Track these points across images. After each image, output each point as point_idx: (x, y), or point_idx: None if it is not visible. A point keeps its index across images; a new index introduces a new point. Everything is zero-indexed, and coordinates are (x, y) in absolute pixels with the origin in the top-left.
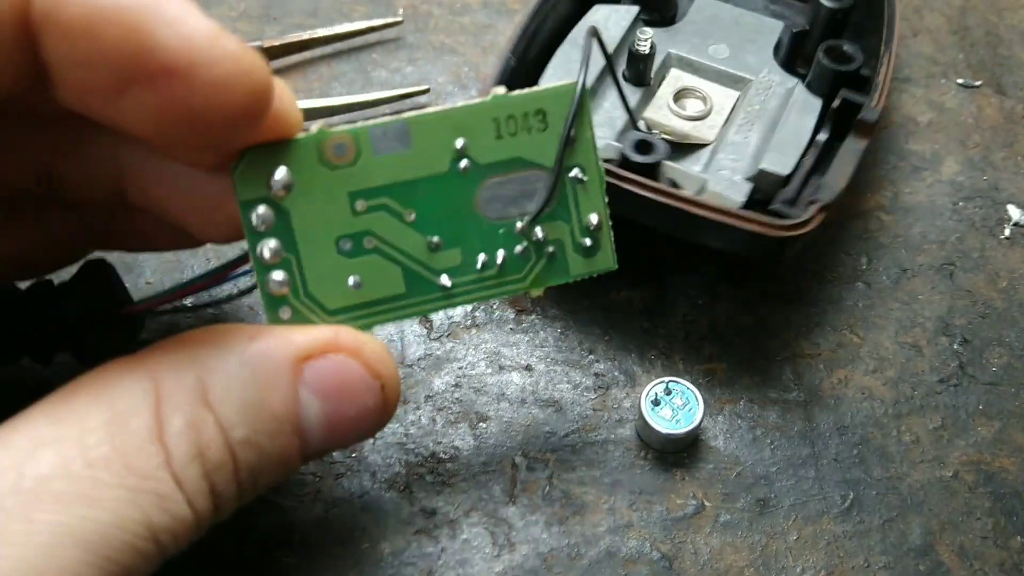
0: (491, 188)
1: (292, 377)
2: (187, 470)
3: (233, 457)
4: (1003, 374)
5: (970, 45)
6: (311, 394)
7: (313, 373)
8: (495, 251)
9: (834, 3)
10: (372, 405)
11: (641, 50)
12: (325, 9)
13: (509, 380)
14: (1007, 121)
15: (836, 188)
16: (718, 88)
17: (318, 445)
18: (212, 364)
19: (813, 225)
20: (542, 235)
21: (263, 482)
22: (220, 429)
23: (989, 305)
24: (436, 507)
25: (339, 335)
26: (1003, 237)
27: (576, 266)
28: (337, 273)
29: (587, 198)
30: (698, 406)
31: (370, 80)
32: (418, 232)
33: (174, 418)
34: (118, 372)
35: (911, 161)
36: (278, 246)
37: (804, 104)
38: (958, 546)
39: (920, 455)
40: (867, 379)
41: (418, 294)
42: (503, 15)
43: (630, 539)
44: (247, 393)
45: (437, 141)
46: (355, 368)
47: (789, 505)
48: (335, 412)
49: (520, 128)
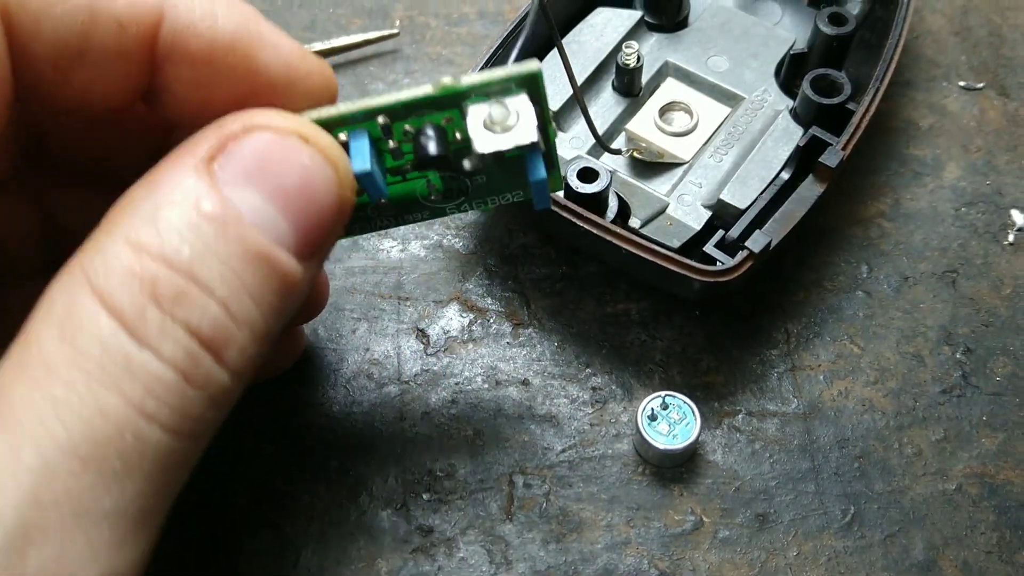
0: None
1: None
2: (144, 320)
3: (193, 278)
4: (1007, 384)
5: (972, 46)
6: (237, 188)
7: (223, 167)
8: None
9: (832, 29)
10: (308, 161)
11: (627, 63)
12: (322, 22)
13: (506, 395)
14: (1011, 124)
15: (774, 236)
16: (710, 103)
17: (294, 235)
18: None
19: (737, 274)
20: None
21: (261, 293)
22: (162, 261)
23: (993, 313)
24: (433, 525)
25: (223, 124)
26: (1007, 243)
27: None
28: None
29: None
30: (695, 420)
31: (367, 92)
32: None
33: (109, 280)
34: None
35: (912, 166)
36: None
37: (783, 132)
38: (962, 561)
39: (922, 468)
40: (868, 390)
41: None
42: (499, 25)
43: (628, 556)
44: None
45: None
46: (261, 138)
47: (789, 520)
48: (275, 189)
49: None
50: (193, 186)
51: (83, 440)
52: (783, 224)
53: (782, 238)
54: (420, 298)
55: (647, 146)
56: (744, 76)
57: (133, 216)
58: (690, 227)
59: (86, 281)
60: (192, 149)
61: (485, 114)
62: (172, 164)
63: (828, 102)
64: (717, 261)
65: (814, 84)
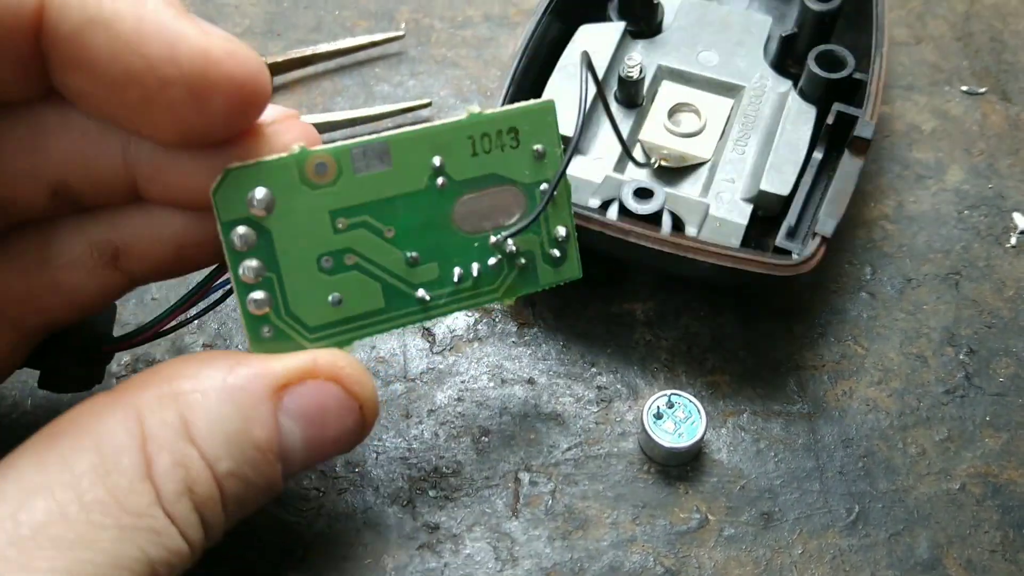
0: (467, 203)
1: (272, 407)
2: (178, 505)
3: (220, 489)
4: (1010, 384)
5: (974, 52)
6: (292, 421)
7: (293, 401)
8: (470, 264)
9: (820, 5)
10: (351, 425)
11: (630, 75)
12: (328, 24)
13: (512, 394)
14: (1012, 128)
15: (837, 216)
16: (711, 98)
17: (299, 467)
18: (193, 400)
19: (816, 260)
20: (514, 247)
21: (249, 507)
22: (206, 464)
23: (995, 315)
24: (439, 522)
25: (317, 360)
26: (1009, 246)
27: (546, 276)
28: (318, 290)
29: (556, 212)
30: (701, 419)
31: (372, 94)
32: (397, 248)
33: (161, 456)
34: (100, 412)
35: (915, 170)
36: (260, 265)
37: (798, 114)
38: (966, 560)
39: (926, 467)
40: (872, 390)
41: (397, 308)
42: (504, 28)
43: (633, 554)
44: (229, 427)
45: (416, 159)
46: (334, 392)
47: (794, 519)
48: (316, 436)
49: (494, 146)
50: (259, 406)
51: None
52: (839, 203)
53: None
54: None
55: (668, 152)
56: (737, 65)
57: (198, 397)
58: (738, 223)
59: (139, 441)
60: (277, 364)
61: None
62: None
63: (837, 76)
64: (792, 253)
65: (819, 61)
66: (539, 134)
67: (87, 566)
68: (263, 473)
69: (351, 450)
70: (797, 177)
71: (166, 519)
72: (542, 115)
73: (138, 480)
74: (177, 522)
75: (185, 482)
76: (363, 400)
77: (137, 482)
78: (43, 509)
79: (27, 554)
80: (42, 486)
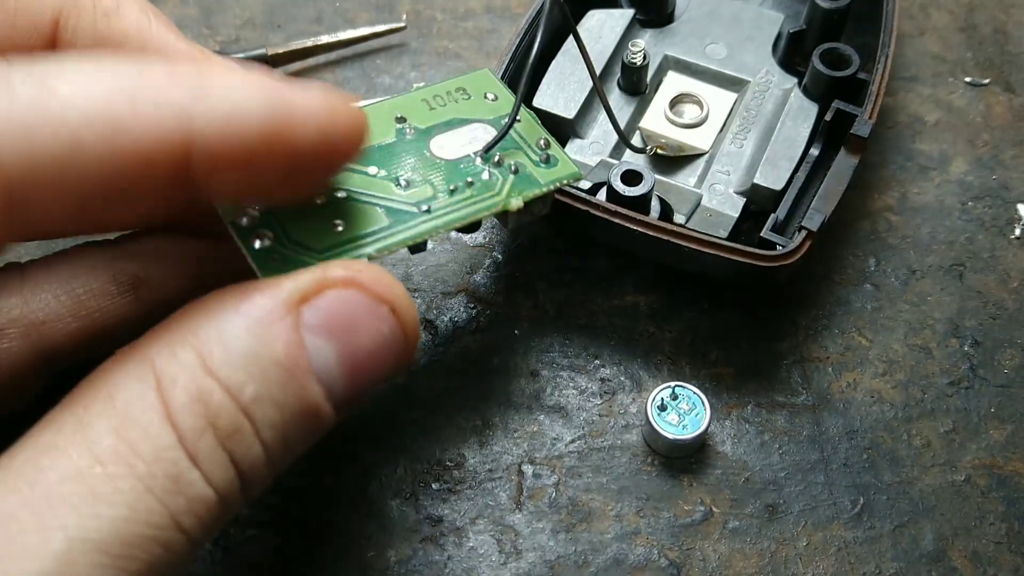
0: (441, 139)
1: (291, 322)
2: (200, 443)
3: (249, 418)
4: (1015, 376)
5: (978, 43)
6: (317, 336)
7: (313, 314)
8: (463, 179)
9: (830, 4)
10: (387, 332)
11: (634, 62)
12: (329, 16)
13: (515, 386)
14: (1016, 119)
15: (825, 212)
16: (715, 91)
17: (344, 390)
18: (206, 332)
19: (800, 254)
20: (500, 158)
21: (294, 439)
22: (227, 393)
23: (1000, 306)
24: (442, 515)
25: (329, 270)
26: (1013, 237)
27: (544, 175)
28: (319, 220)
29: (530, 130)
30: (705, 411)
31: (374, 86)
32: (385, 180)
33: (176, 393)
34: (113, 366)
35: (919, 161)
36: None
37: (799, 110)
38: (971, 552)
39: (931, 459)
40: (876, 382)
41: (401, 222)
42: (506, 19)
43: (638, 546)
44: (247, 349)
45: (379, 123)
46: (355, 297)
47: (798, 511)
48: (349, 348)
49: (448, 101)
50: (276, 323)
51: (115, 539)
52: (829, 199)
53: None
54: (428, 289)
55: (666, 141)
56: (744, 59)
57: (211, 330)
58: (729, 215)
59: (154, 385)
60: (289, 280)
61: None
62: (267, 288)
63: (841, 74)
64: (777, 245)
65: (823, 58)
66: (485, 87)
67: (102, 522)
68: (297, 395)
69: (403, 367)
70: (792, 173)
71: (188, 461)
72: (482, 78)
73: (154, 424)
74: (200, 463)
75: (206, 416)
76: (392, 300)
77: (154, 426)
78: (57, 468)
79: (40, 515)
80: (56, 447)
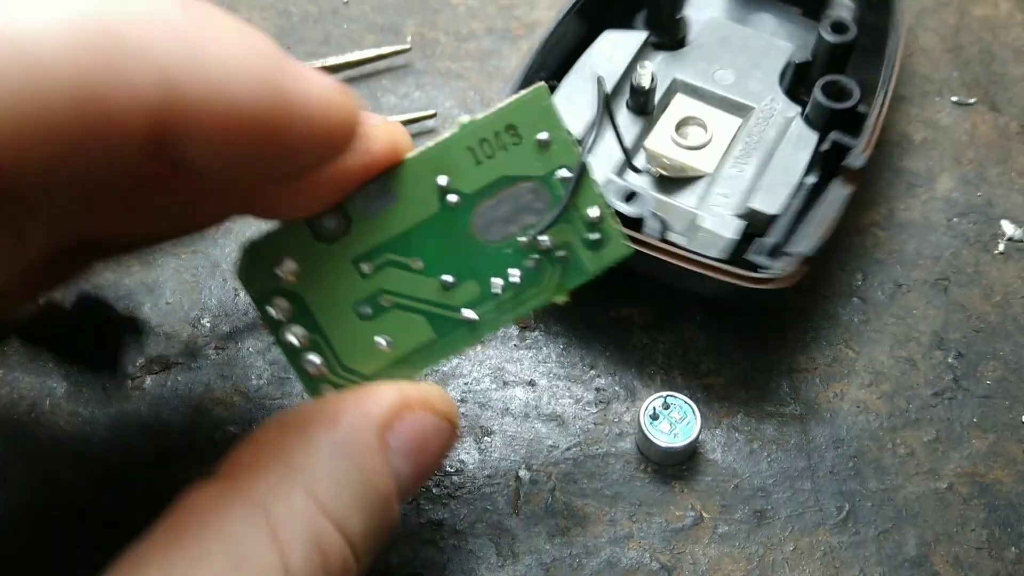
0: (485, 213)
1: (384, 451)
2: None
3: (353, 550)
4: (997, 387)
5: (964, 63)
6: (401, 459)
7: (398, 440)
8: (507, 272)
9: (835, 37)
10: (448, 444)
11: (642, 84)
12: (336, 37)
13: (513, 395)
14: (1001, 138)
15: (815, 240)
16: (721, 115)
17: (407, 497)
18: (311, 469)
19: (791, 281)
20: (549, 243)
21: (374, 556)
22: (339, 530)
23: (983, 319)
24: (442, 519)
25: (404, 393)
26: (997, 252)
27: (592, 262)
28: (365, 338)
29: (582, 193)
30: (696, 420)
31: (380, 105)
32: (429, 276)
33: (296, 544)
34: (222, 508)
35: (906, 178)
36: (302, 331)
37: (799, 139)
38: (953, 557)
39: (915, 467)
40: (862, 393)
41: (447, 334)
42: (507, 41)
43: (630, 550)
44: (355, 484)
45: (421, 185)
46: (430, 420)
47: (786, 517)
48: (422, 466)
49: (496, 148)
50: (374, 453)
51: None
52: (822, 226)
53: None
54: None
55: (669, 162)
56: (750, 86)
57: (315, 464)
58: (726, 237)
59: (266, 524)
60: (373, 406)
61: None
62: (354, 410)
63: (841, 107)
64: (767, 268)
65: (825, 90)
66: (538, 123)
67: None
68: (388, 519)
69: None
70: (789, 199)
71: None
72: (536, 102)
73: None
74: None
75: (322, 564)
76: (452, 416)
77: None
78: None
79: None
80: None
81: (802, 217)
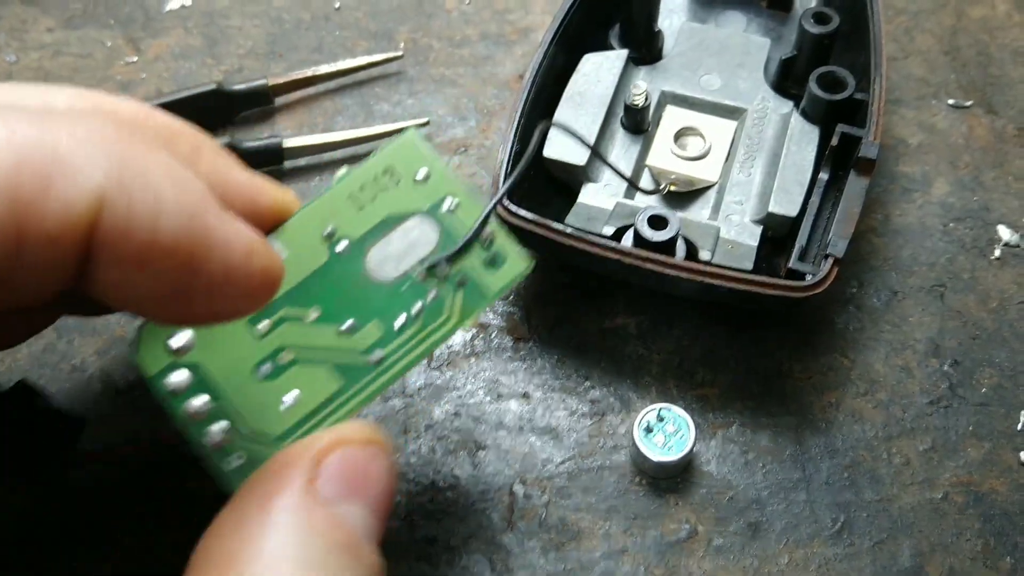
0: (376, 253)
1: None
2: None
3: None
4: (993, 395)
5: (961, 66)
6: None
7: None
8: (409, 306)
9: (819, 28)
10: (386, 464)
11: (636, 103)
12: (329, 45)
13: (507, 408)
14: (998, 141)
15: (846, 236)
16: (715, 121)
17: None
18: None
19: (829, 282)
20: (447, 270)
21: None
22: None
23: (979, 326)
24: (436, 535)
25: (316, 442)
26: (993, 258)
27: (493, 282)
28: (269, 399)
29: (468, 217)
30: (690, 432)
31: (372, 113)
32: (327, 325)
33: None
34: None
35: (901, 183)
36: (203, 401)
37: (801, 135)
38: (948, 567)
39: (910, 477)
40: (857, 402)
41: (355, 381)
42: (501, 46)
43: (624, 564)
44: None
45: (307, 238)
46: (351, 453)
47: (780, 528)
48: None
49: (377, 190)
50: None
51: None
52: (847, 223)
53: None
54: None
55: (676, 176)
56: (738, 87)
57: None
58: (750, 245)
59: None
60: (290, 473)
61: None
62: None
63: (839, 97)
64: (807, 275)
65: (820, 82)
66: (413, 163)
67: None
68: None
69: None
70: (805, 198)
71: None
72: (406, 148)
73: None
74: None
75: None
76: (372, 437)
77: None
78: None
79: None
80: None
81: (820, 215)
